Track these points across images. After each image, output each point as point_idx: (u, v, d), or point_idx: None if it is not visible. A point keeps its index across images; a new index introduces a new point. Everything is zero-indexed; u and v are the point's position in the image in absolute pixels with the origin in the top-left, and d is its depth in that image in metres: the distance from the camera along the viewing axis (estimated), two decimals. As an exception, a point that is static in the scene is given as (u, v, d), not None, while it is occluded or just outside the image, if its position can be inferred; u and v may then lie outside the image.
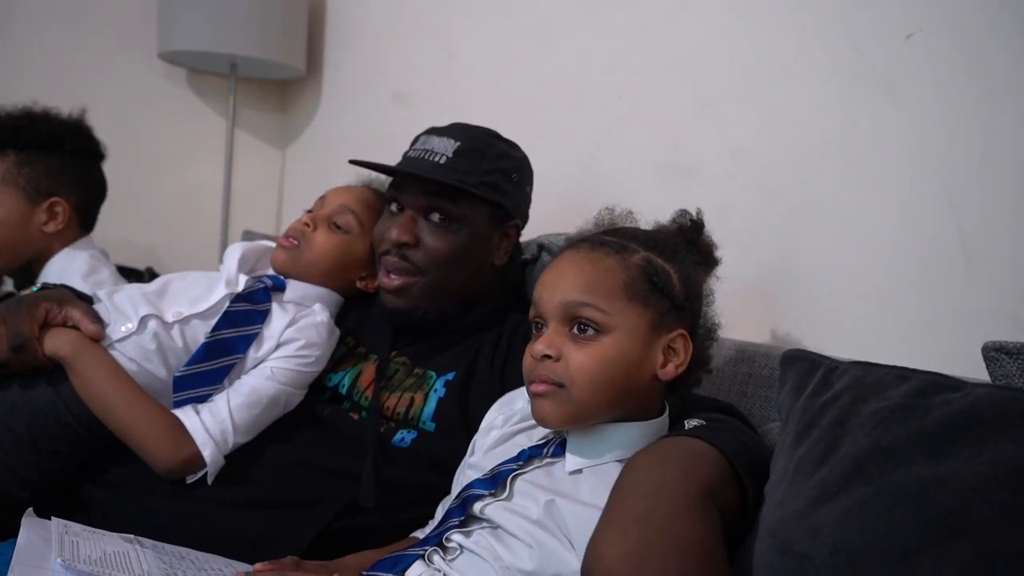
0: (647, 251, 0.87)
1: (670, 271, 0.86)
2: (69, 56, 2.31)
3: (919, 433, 0.61)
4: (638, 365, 0.84)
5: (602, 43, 1.58)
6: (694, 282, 0.89)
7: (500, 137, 1.18)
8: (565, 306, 0.83)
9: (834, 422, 0.68)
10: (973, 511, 0.55)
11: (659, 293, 0.84)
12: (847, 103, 1.17)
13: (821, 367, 0.79)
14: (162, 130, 2.49)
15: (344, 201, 1.24)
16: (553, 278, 0.87)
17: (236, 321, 1.12)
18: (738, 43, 1.33)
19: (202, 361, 1.09)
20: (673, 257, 0.88)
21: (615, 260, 0.85)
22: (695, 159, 1.39)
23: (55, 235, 1.60)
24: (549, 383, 0.83)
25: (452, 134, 1.14)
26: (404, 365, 1.16)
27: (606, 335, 0.82)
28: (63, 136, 1.62)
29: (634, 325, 0.83)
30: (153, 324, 1.11)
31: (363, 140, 2.28)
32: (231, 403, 1.07)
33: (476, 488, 0.90)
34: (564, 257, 0.88)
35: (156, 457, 1.03)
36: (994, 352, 0.76)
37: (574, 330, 0.83)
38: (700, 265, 0.93)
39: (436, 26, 2.04)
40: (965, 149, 1.03)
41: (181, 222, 2.50)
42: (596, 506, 0.79)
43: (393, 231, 1.12)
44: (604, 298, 0.83)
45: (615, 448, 0.85)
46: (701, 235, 0.96)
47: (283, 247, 1.21)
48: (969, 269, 1.02)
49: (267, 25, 2.23)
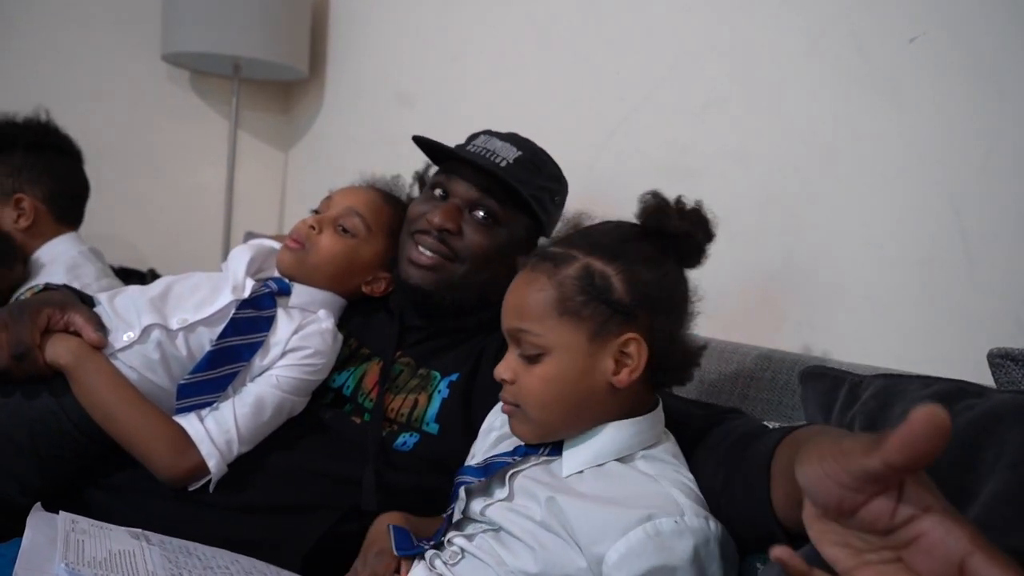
0: (588, 256, 0.84)
1: (610, 275, 0.82)
2: (72, 58, 2.32)
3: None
4: (585, 378, 0.83)
5: (604, 45, 1.58)
6: (645, 280, 0.83)
7: (551, 158, 1.20)
8: (508, 332, 0.86)
9: (863, 428, 0.68)
10: (997, 517, 0.55)
11: (595, 302, 0.81)
12: (850, 106, 1.17)
13: (846, 382, 0.78)
14: (165, 132, 2.50)
15: (351, 203, 1.22)
16: (504, 302, 0.87)
17: (242, 328, 1.11)
18: (741, 45, 1.33)
19: (207, 369, 1.07)
20: (617, 258, 0.83)
21: (547, 277, 0.83)
22: (698, 161, 1.39)
23: (29, 231, 1.67)
24: (509, 404, 0.87)
25: (513, 142, 1.16)
26: (408, 366, 1.16)
27: (547, 355, 0.83)
28: (16, 135, 1.69)
29: (570, 341, 0.82)
30: (157, 333, 1.10)
31: (366, 141, 2.28)
32: (236, 412, 1.06)
33: (467, 475, 0.90)
34: (513, 282, 0.88)
35: (159, 466, 1.03)
36: (999, 359, 0.75)
37: (523, 353, 0.85)
38: (665, 257, 0.86)
39: (439, 27, 2.04)
40: (968, 151, 1.03)
41: (184, 223, 2.50)
42: (599, 499, 0.80)
43: (437, 216, 1.12)
44: (536, 320, 0.83)
45: (611, 447, 0.84)
46: (668, 220, 0.86)
47: (289, 249, 1.19)
48: (972, 271, 1.02)
49: (270, 27, 2.23)
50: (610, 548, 0.76)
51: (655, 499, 0.79)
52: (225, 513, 1.03)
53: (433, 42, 2.06)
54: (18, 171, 1.67)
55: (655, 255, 0.85)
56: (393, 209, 1.25)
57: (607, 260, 0.83)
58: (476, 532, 0.87)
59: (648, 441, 0.86)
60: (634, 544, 0.75)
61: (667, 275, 0.86)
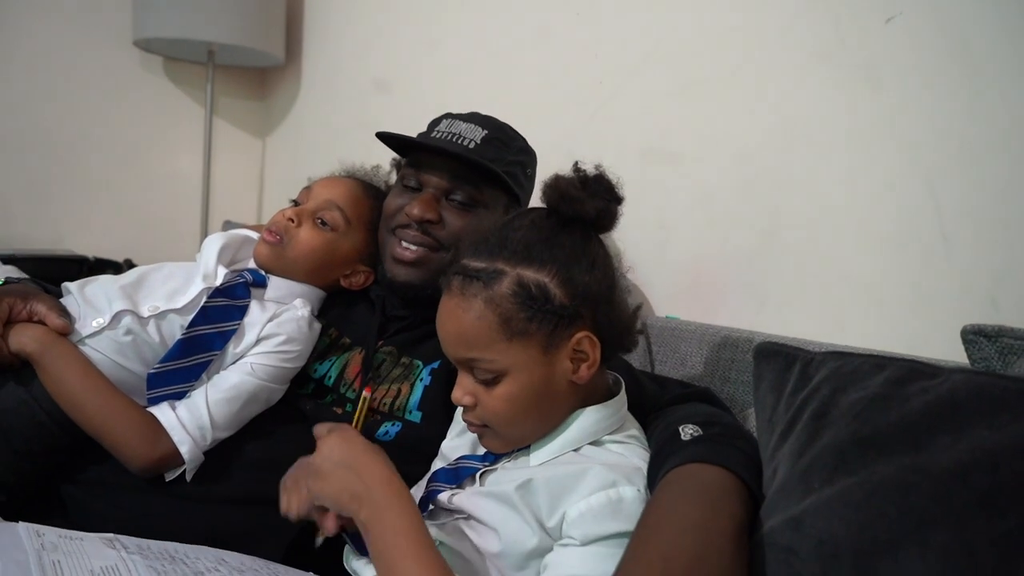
0: (517, 266, 0.81)
1: (545, 282, 0.80)
2: (43, 45, 2.28)
3: (899, 422, 0.61)
4: (547, 386, 0.83)
5: (583, 28, 1.57)
6: (580, 278, 0.82)
7: (516, 130, 1.19)
8: (457, 361, 0.85)
9: (814, 414, 0.69)
10: (954, 498, 0.56)
11: (540, 316, 0.80)
12: (828, 87, 1.17)
13: (797, 361, 0.79)
14: (139, 119, 2.46)
15: (331, 196, 1.20)
16: (440, 323, 0.85)
17: (213, 317, 1.09)
18: (719, 28, 1.33)
19: (178, 358, 1.06)
20: (546, 262, 0.81)
21: (483, 301, 0.80)
22: (678, 144, 1.38)
23: None
24: (476, 425, 0.86)
25: (477, 121, 1.15)
26: (391, 355, 1.16)
27: (504, 376, 0.82)
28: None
29: (525, 358, 0.81)
30: (127, 319, 1.08)
31: (344, 127, 2.26)
32: (209, 398, 1.04)
33: (440, 481, 0.91)
34: (442, 303, 0.85)
35: (130, 455, 1.01)
36: (972, 335, 0.76)
37: (476, 376, 0.83)
38: (588, 239, 0.84)
39: (416, 12, 2.02)
40: (944, 133, 1.04)
41: (160, 212, 2.48)
42: (567, 467, 0.82)
43: (416, 208, 1.11)
44: (485, 348, 0.81)
45: (577, 434, 0.86)
46: (582, 205, 0.83)
47: (267, 242, 1.17)
48: (948, 252, 1.03)
49: (245, 12, 2.20)
50: (572, 506, 0.78)
51: (620, 470, 0.81)
52: (205, 506, 1.03)
53: (410, 28, 2.04)
54: None
55: (579, 243, 0.83)
56: (374, 201, 1.23)
57: (537, 267, 0.81)
58: (447, 521, 0.88)
59: (613, 426, 0.88)
60: (594, 505, 0.77)
61: (596, 260, 0.84)
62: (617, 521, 0.77)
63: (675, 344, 1.20)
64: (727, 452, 0.80)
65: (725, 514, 0.73)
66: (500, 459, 0.89)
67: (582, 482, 0.79)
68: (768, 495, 0.72)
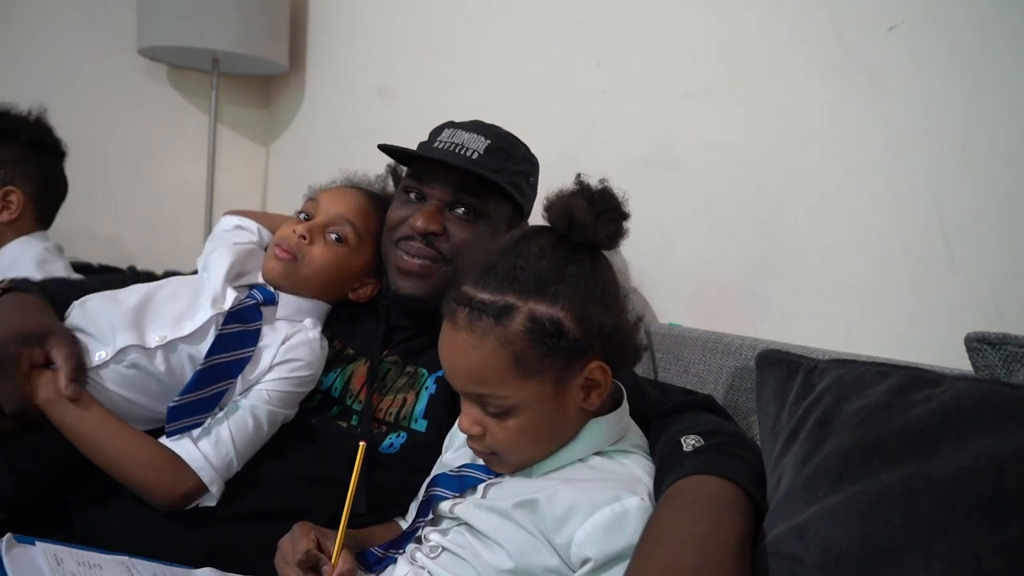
0: (528, 301, 0.78)
1: (559, 318, 0.78)
2: (48, 52, 2.29)
3: (902, 430, 0.61)
4: (558, 416, 0.83)
5: (587, 36, 1.58)
6: (592, 309, 0.79)
7: (518, 139, 1.19)
8: (465, 394, 0.84)
9: (818, 423, 0.68)
10: (958, 506, 0.56)
11: (553, 352, 0.78)
12: (830, 95, 1.17)
13: (800, 369, 0.78)
14: (143, 127, 2.47)
15: (342, 211, 1.18)
16: (445, 355, 0.83)
17: (229, 344, 1.07)
18: (722, 35, 1.33)
19: (196, 389, 1.04)
20: (559, 295, 0.78)
21: (495, 339, 0.78)
22: (680, 151, 1.39)
23: (8, 224, 1.64)
24: (483, 452, 0.86)
25: (479, 130, 1.13)
26: (396, 364, 1.15)
27: (515, 409, 0.81)
28: (18, 128, 1.66)
29: (537, 393, 0.80)
30: (133, 355, 1.05)
31: (347, 135, 2.27)
32: (233, 432, 1.03)
33: (442, 487, 0.90)
34: (447, 334, 0.82)
35: (155, 496, 1.00)
36: (976, 343, 0.76)
37: (486, 409, 0.82)
38: (597, 262, 0.82)
39: (419, 20, 2.03)
40: (947, 140, 1.04)
41: (164, 220, 2.48)
42: (568, 484, 0.81)
43: (420, 220, 1.10)
44: (497, 385, 0.79)
45: (586, 445, 0.85)
46: (595, 232, 0.81)
47: (279, 259, 1.15)
48: (952, 260, 1.03)
49: (249, 20, 2.21)
50: (579, 527, 0.77)
51: (622, 481, 0.81)
52: (212, 521, 1.02)
53: (413, 35, 2.05)
54: (12, 164, 1.65)
55: (590, 269, 0.81)
56: (380, 212, 1.22)
57: (550, 301, 0.78)
58: (450, 527, 0.87)
59: (617, 436, 0.87)
60: (600, 522, 0.77)
61: (607, 288, 0.83)
62: (626, 534, 0.76)
63: (678, 351, 1.20)
64: (729, 463, 0.80)
65: (728, 526, 0.72)
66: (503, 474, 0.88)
67: (585, 499, 0.79)
68: (772, 504, 0.72)
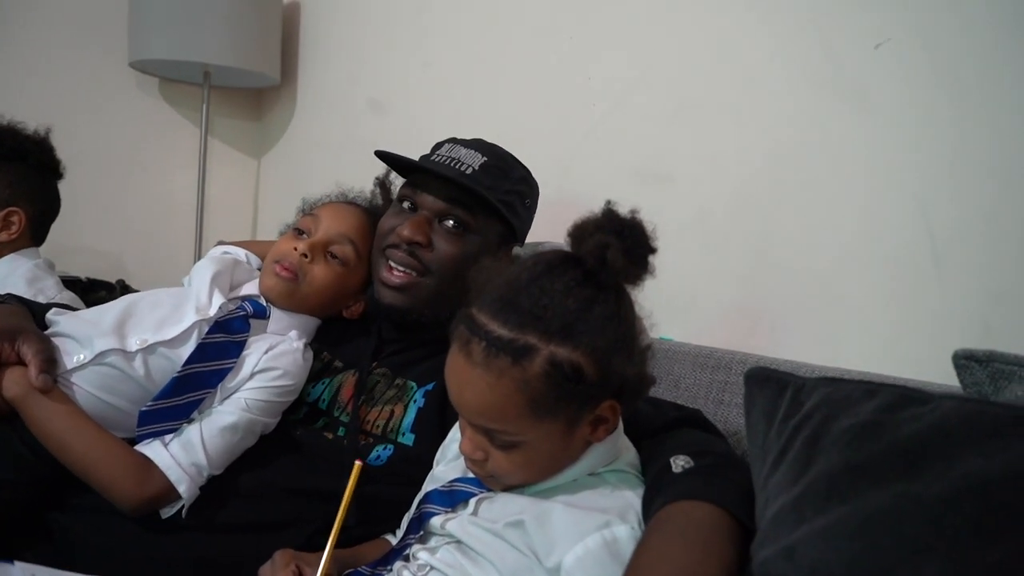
0: (551, 343, 0.75)
1: (580, 363, 0.75)
2: (39, 65, 2.28)
3: (890, 450, 0.61)
4: (562, 449, 0.82)
5: (577, 50, 1.58)
6: (614, 356, 0.77)
7: (518, 160, 1.19)
8: (473, 426, 0.82)
9: (806, 442, 0.68)
10: (947, 526, 0.56)
11: (570, 395, 0.76)
12: (819, 110, 1.18)
13: (789, 387, 0.78)
14: (134, 140, 2.46)
15: (342, 229, 1.17)
16: (455, 384, 0.80)
17: (211, 354, 1.06)
18: (712, 51, 1.34)
19: (171, 396, 1.03)
20: (581, 340, 0.75)
21: (512, 380, 0.75)
22: (670, 165, 1.39)
23: (5, 244, 1.64)
24: (482, 475, 0.85)
25: (478, 148, 1.14)
26: (385, 376, 1.15)
27: (524, 444, 0.80)
28: (29, 150, 1.66)
29: (548, 431, 0.79)
30: (112, 357, 1.05)
31: (339, 148, 2.27)
32: (204, 436, 1.02)
33: (434, 503, 0.90)
34: (459, 363, 0.79)
35: (118, 495, 0.99)
36: (964, 360, 0.76)
37: (492, 440, 0.81)
38: (620, 300, 0.80)
39: (410, 33, 2.04)
40: (934, 155, 1.05)
41: (155, 233, 2.47)
42: (559, 505, 0.81)
43: (406, 229, 1.10)
44: (511, 423, 0.78)
45: (582, 467, 0.85)
46: (628, 274, 0.79)
47: (280, 277, 1.13)
48: (940, 275, 1.03)
49: (240, 33, 2.21)
50: (568, 552, 0.77)
51: (613, 506, 0.81)
52: (196, 533, 1.01)
53: (404, 48, 2.05)
54: (19, 184, 1.64)
55: (615, 311, 0.78)
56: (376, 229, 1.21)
57: (572, 345, 0.75)
58: (439, 545, 0.87)
59: (611, 458, 0.87)
60: (592, 548, 0.77)
61: (629, 331, 0.80)
62: (616, 564, 0.76)
63: (668, 366, 1.20)
64: (718, 486, 0.80)
65: (715, 556, 0.72)
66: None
67: (575, 523, 0.79)
68: (761, 525, 0.72)
